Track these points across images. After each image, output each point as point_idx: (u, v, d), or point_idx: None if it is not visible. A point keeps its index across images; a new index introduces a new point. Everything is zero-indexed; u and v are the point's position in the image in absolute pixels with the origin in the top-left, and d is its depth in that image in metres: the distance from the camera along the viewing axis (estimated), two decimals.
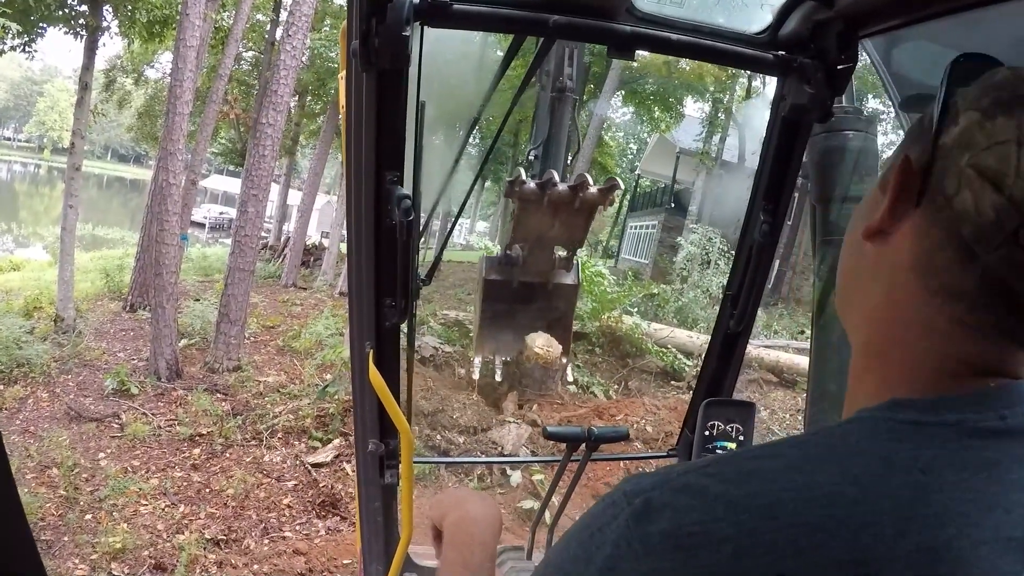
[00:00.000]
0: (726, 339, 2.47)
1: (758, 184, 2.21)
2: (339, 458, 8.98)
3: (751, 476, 0.70)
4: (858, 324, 0.84)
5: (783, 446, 0.73)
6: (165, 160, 11.35)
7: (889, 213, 0.76)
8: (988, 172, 0.67)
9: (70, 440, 8.72)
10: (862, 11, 1.68)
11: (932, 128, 0.73)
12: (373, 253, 1.90)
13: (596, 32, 1.84)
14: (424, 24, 1.68)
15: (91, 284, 16.53)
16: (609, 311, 13.94)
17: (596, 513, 0.74)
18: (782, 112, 2.01)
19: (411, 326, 2.17)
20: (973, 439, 0.69)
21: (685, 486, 0.70)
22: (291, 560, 7.09)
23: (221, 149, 28.67)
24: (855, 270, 0.85)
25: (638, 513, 0.69)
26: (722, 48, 1.93)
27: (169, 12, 13.34)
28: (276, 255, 24.32)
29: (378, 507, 2.35)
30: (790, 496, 0.66)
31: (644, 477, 0.73)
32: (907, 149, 0.76)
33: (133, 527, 7.20)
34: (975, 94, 0.71)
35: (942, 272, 0.71)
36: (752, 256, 2.26)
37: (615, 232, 37.25)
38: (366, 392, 2.10)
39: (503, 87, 2.31)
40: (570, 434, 2.36)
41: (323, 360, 12.01)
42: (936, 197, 0.71)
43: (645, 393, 12.40)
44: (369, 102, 1.69)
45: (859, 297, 0.83)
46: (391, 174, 1.79)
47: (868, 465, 0.68)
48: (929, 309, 0.73)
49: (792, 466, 0.69)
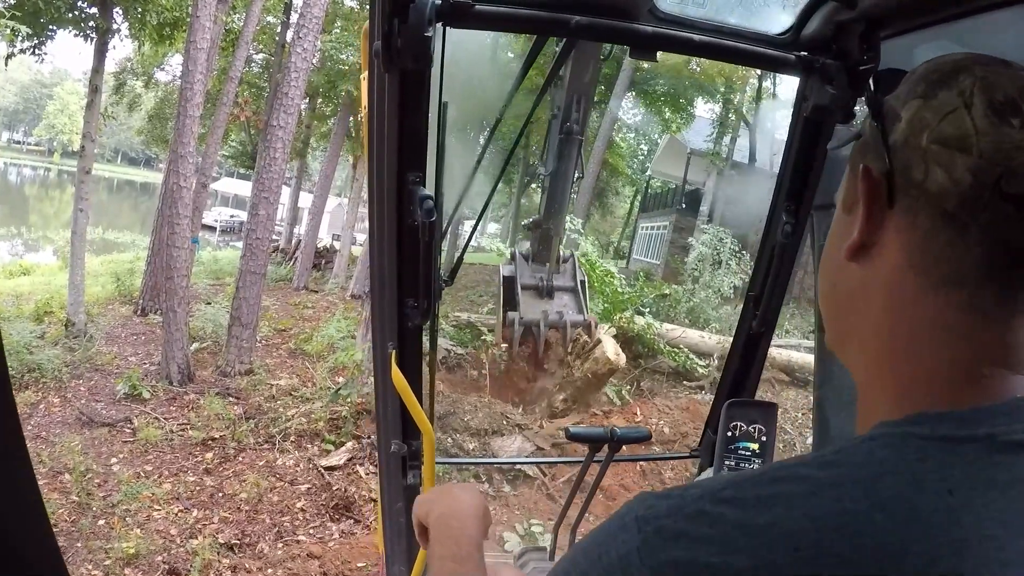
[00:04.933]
0: (749, 339, 2.50)
1: (780, 184, 2.23)
2: (352, 461, 8.97)
3: (771, 502, 0.66)
4: (860, 346, 0.82)
5: (804, 467, 0.70)
6: (176, 163, 11.39)
7: (867, 224, 0.77)
8: (951, 140, 0.69)
9: (82, 445, 8.72)
10: (884, 12, 1.69)
11: (878, 134, 0.76)
12: (396, 254, 1.93)
13: (618, 33, 1.87)
14: (446, 25, 1.67)
15: (102, 288, 16.64)
16: (621, 311, 13.93)
17: (606, 535, 0.73)
18: (804, 113, 2.03)
19: (433, 327, 2.17)
20: (1002, 454, 0.66)
21: (700, 513, 0.68)
22: (305, 564, 7.09)
23: (232, 152, 28.75)
24: (844, 296, 0.84)
25: (649, 542, 0.68)
26: (744, 49, 1.95)
27: (179, 14, 13.43)
28: (287, 258, 24.45)
29: (401, 508, 2.37)
30: (814, 525, 0.63)
31: (658, 500, 0.71)
32: (862, 161, 0.79)
33: (146, 532, 7.19)
34: (905, 91, 0.77)
35: (940, 260, 0.71)
36: (775, 257, 2.27)
37: (627, 233, 37.35)
38: (389, 393, 2.13)
39: (524, 88, 2.28)
40: (592, 435, 2.34)
41: (335, 363, 12.04)
42: (908, 190, 0.73)
43: (658, 394, 12.40)
44: (391, 103, 1.71)
45: (855, 319, 0.82)
46: (413, 174, 1.81)
47: (896, 488, 0.65)
48: (935, 303, 0.72)
49: (815, 491, 0.66)
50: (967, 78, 0.71)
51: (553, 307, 10.25)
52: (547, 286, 10.41)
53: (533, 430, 10.10)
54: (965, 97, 0.70)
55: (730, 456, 2.43)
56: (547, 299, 10.36)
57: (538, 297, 10.40)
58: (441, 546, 1.18)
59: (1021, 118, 0.68)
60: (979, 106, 0.69)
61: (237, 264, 12.86)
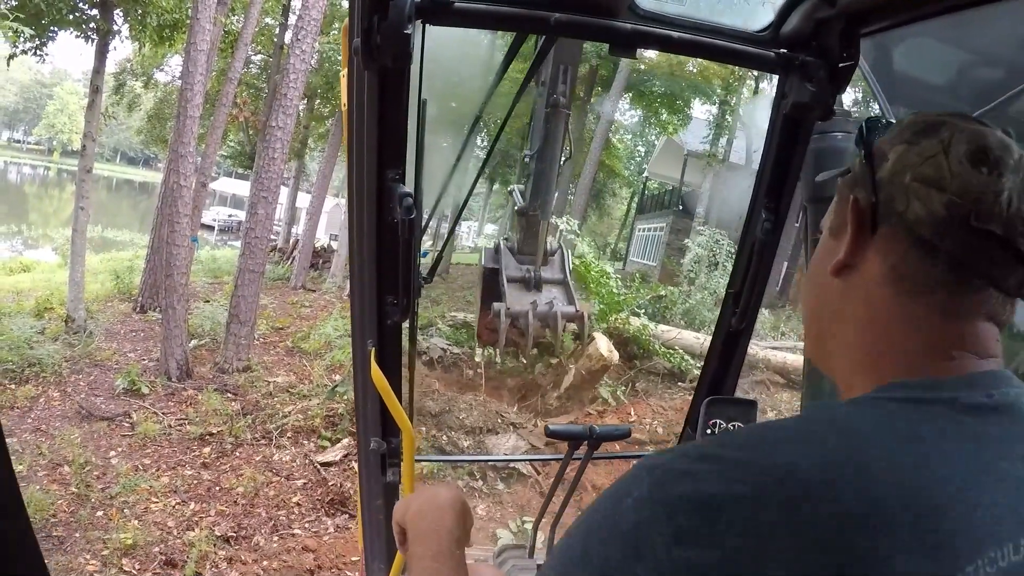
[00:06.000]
0: (728, 337, 2.48)
1: (760, 182, 2.22)
2: (348, 457, 9.01)
3: (762, 443, 0.77)
4: (840, 348, 0.94)
5: (789, 420, 0.82)
6: (175, 163, 11.42)
7: (853, 247, 0.90)
8: (929, 180, 0.83)
9: (81, 439, 8.78)
10: (864, 9, 1.71)
11: (867, 169, 0.90)
12: (375, 251, 1.91)
13: (598, 30, 1.85)
14: (426, 22, 1.68)
15: (101, 285, 16.62)
16: (616, 312, 13.93)
17: (619, 486, 0.78)
18: (783, 110, 2.02)
19: (413, 324, 2.16)
20: (965, 415, 0.78)
21: (702, 455, 0.76)
22: (300, 556, 7.14)
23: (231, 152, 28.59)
24: (827, 305, 0.97)
25: (659, 481, 0.74)
26: (724, 46, 1.95)
27: (179, 16, 13.37)
28: (285, 257, 24.34)
29: (380, 505, 2.36)
30: (799, 461, 0.72)
31: (663, 453, 0.80)
32: (851, 192, 0.91)
33: (144, 524, 7.25)
34: (893, 135, 0.90)
35: (913, 274, 0.85)
36: (754, 254, 2.26)
37: (623, 235, 37.21)
38: (368, 390, 2.10)
39: (504, 86, 2.32)
40: (572, 432, 2.36)
41: (332, 361, 12.09)
42: (890, 219, 0.86)
43: (652, 394, 12.40)
44: (371, 100, 1.71)
45: (837, 327, 0.94)
46: (393, 172, 1.81)
47: (871, 435, 0.75)
48: (908, 305, 0.85)
49: (799, 436, 0.77)
50: (947, 131, 0.85)
51: (542, 299, 10.09)
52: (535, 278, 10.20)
53: (528, 428, 10.14)
54: (944, 145, 0.83)
55: None
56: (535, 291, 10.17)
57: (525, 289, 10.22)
58: (419, 545, 1.17)
59: (989, 166, 0.81)
60: (955, 153, 0.82)
61: (235, 263, 12.85)
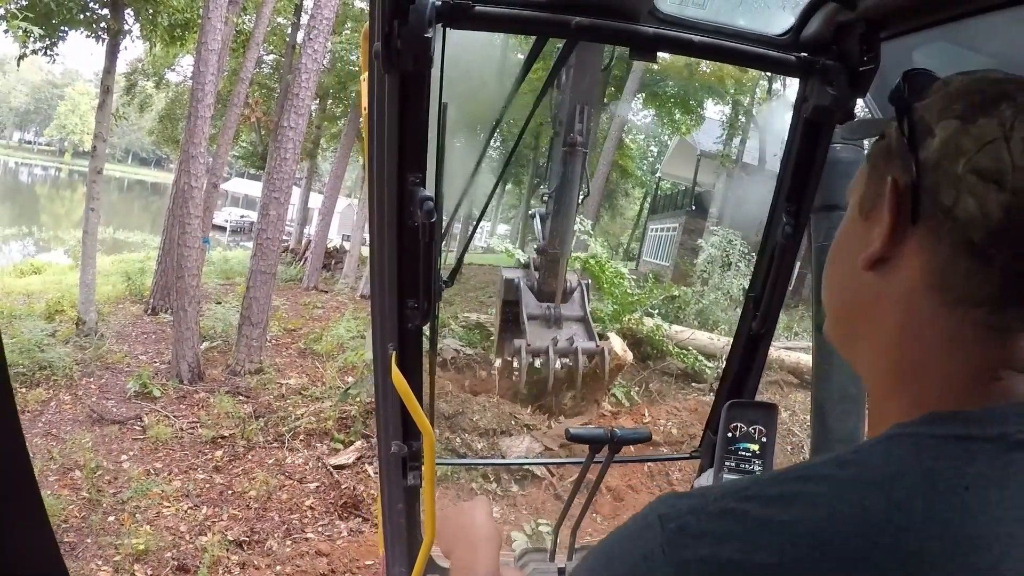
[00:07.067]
0: (749, 340, 2.48)
1: (780, 186, 2.22)
2: (361, 460, 8.97)
3: (794, 500, 0.66)
4: (872, 354, 0.82)
5: (825, 467, 0.70)
6: (187, 163, 11.41)
7: (890, 239, 0.76)
8: (986, 173, 0.68)
9: (92, 442, 8.76)
10: (884, 13, 1.68)
11: (907, 146, 0.75)
12: (396, 255, 1.91)
13: (618, 34, 1.85)
14: (446, 26, 1.68)
15: (112, 287, 16.70)
16: (630, 313, 13.92)
17: (628, 535, 0.72)
18: (804, 114, 2.02)
19: (433, 328, 2.16)
20: (1016, 452, 0.66)
21: (724, 511, 0.67)
22: (313, 561, 7.08)
23: (242, 152, 28.88)
24: (857, 302, 0.84)
25: (673, 539, 0.67)
26: (744, 50, 1.94)
27: (190, 16, 13.46)
28: (297, 258, 24.51)
29: (401, 509, 2.36)
30: (835, 523, 0.63)
31: (679, 499, 0.71)
32: (888, 171, 0.77)
33: (156, 529, 7.20)
34: (941, 104, 0.74)
35: (959, 283, 0.71)
36: (775, 257, 2.27)
37: (636, 235, 37.32)
38: (389, 394, 2.12)
39: (524, 90, 2.29)
40: (592, 436, 2.34)
41: (345, 362, 12.08)
42: (935, 212, 0.71)
43: (666, 395, 12.37)
44: (391, 104, 1.70)
45: (866, 328, 0.82)
46: (413, 176, 1.80)
47: (912, 487, 0.65)
48: (952, 320, 0.72)
49: (835, 490, 0.66)
50: (1008, 107, 0.69)
51: (562, 335, 9.92)
52: (555, 315, 9.99)
53: (542, 430, 10.08)
54: (1005, 129, 0.68)
55: (730, 457, 2.41)
56: (555, 327, 9.99)
57: (545, 326, 10.01)
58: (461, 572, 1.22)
59: None
60: (1018, 140, 0.67)
61: (247, 264, 12.86)
